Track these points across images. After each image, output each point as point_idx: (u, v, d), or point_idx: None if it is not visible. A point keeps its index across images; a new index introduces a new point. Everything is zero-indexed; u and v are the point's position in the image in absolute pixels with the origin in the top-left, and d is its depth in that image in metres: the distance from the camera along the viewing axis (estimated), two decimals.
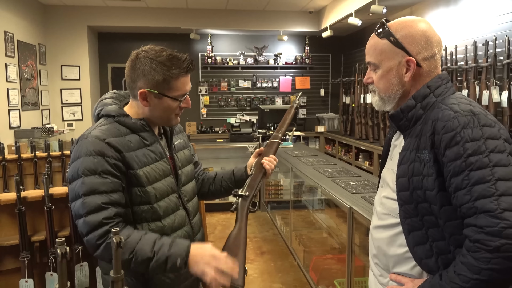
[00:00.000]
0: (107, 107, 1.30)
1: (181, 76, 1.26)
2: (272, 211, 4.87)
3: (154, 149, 1.31)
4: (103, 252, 1.15)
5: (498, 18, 3.43)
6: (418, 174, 1.03)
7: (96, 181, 1.17)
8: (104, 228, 1.15)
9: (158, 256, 1.14)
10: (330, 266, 3.07)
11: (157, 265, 1.15)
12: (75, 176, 1.18)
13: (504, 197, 0.89)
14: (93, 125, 1.30)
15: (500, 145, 0.94)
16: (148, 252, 1.14)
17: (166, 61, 1.23)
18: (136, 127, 1.28)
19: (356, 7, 4.85)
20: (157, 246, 1.15)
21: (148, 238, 1.17)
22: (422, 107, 1.08)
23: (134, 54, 1.27)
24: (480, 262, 0.90)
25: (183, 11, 6.15)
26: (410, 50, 1.08)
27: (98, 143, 1.20)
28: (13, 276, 1.67)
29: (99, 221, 1.14)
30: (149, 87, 1.24)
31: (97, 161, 1.18)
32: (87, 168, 1.17)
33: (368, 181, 2.82)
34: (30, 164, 2.82)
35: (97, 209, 1.15)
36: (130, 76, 1.27)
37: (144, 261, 1.14)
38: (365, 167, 5.11)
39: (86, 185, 1.16)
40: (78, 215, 1.17)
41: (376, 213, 1.22)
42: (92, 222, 1.14)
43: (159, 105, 1.27)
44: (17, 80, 4.81)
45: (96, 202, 1.15)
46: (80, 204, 1.16)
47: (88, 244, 1.17)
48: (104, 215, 1.15)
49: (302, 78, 7.05)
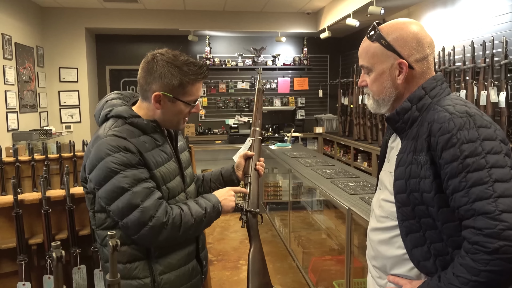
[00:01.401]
0: (118, 108, 1.29)
1: (196, 82, 1.29)
2: (271, 212, 4.87)
3: (165, 149, 1.32)
4: (171, 226, 1.21)
5: (496, 19, 3.44)
6: (415, 177, 1.03)
7: (135, 172, 1.19)
8: (163, 205, 1.20)
9: (209, 210, 1.30)
10: (329, 267, 3.07)
11: (211, 216, 1.31)
12: (111, 174, 1.17)
13: (502, 198, 0.89)
14: (101, 127, 1.28)
15: (496, 146, 0.94)
16: (201, 210, 1.28)
17: (184, 66, 1.25)
18: (148, 128, 1.28)
19: (353, 8, 4.86)
20: (201, 205, 1.30)
21: (190, 204, 1.29)
22: (417, 109, 1.08)
23: (150, 56, 1.27)
24: (478, 264, 0.89)
25: (181, 13, 6.15)
26: (402, 52, 1.08)
27: (120, 140, 1.20)
28: (11, 280, 1.67)
29: (156, 201, 1.19)
30: (164, 91, 1.25)
31: (128, 155, 1.19)
32: (121, 163, 1.17)
33: (367, 182, 2.82)
34: (28, 166, 2.81)
35: (149, 193, 1.19)
36: (145, 78, 1.27)
37: (200, 217, 1.28)
38: (363, 168, 5.11)
39: (129, 178, 1.17)
40: (131, 207, 1.16)
41: (374, 216, 1.22)
42: (152, 206, 1.17)
43: (171, 108, 1.28)
44: (15, 82, 4.80)
45: (145, 187, 1.19)
46: (131, 196, 1.16)
47: (152, 230, 1.17)
48: (156, 195, 1.20)
49: (300, 79, 7.05)
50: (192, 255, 1.39)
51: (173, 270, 1.31)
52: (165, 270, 1.29)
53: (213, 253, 3.88)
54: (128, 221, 1.17)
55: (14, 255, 1.64)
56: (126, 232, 1.21)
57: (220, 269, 3.52)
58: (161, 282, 1.28)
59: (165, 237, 1.20)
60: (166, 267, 1.29)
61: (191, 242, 1.38)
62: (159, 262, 1.28)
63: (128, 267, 1.25)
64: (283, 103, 6.99)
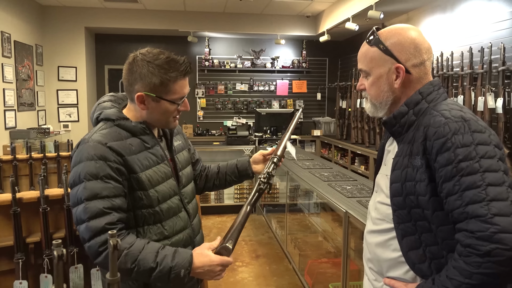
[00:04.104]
0: (106, 111, 1.29)
1: (178, 79, 1.24)
2: (268, 215, 4.87)
3: (155, 152, 1.30)
4: (105, 259, 1.13)
5: (494, 25, 3.47)
6: (411, 180, 1.05)
7: (98, 186, 1.15)
8: (106, 234, 1.12)
9: (161, 267, 1.14)
10: (325, 270, 3.08)
11: (159, 275, 1.14)
12: (77, 181, 1.17)
13: (495, 202, 0.90)
14: (92, 128, 1.29)
15: (490, 150, 0.96)
16: (150, 262, 1.13)
17: (164, 64, 1.22)
18: (137, 130, 1.27)
19: (353, 12, 4.88)
20: (160, 256, 1.15)
21: (151, 248, 1.16)
22: (414, 113, 1.10)
23: (131, 57, 1.26)
24: (471, 266, 0.91)
25: (181, 14, 6.16)
26: (399, 57, 1.10)
27: (99, 148, 1.18)
28: (7, 278, 1.67)
29: (102, 227, 1.12)
30: (146, 90, 1.23)
31: (99, 165, 1.16)
32: (88, 172, 1.15)
33: (364, 186, 2.83)
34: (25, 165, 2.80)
35: (100, 214, 1.13)
36: (127, 79, 1.26)
37: (146, 271, 1.14)
38: (361, 171, 5.13)
39: (88, 190, 1.14)
40: (80, 221, 1.15)
41: (371, 218, 1.23)
42: (94, 228, 1.12)
43: (157, 108, 1.26)
44: (13, 80, 4.80)
45: (98, 207, 1.13)
46: (82, 209, 1.14)
47: (89, 250, 1.14)
48: (106, 220, 1.13)
49: (299, 82, 7.07)
50: None
51: None
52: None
53: None
54: (78, 230, 1.16)
55: (11, 253, 1.63)
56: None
57: None
58: (156, 285, 1.25)
59: (101, 263, 1.15)
60: None
61: (185, 245, 1.36)
62: None
63: None
64: (281, 105, 7.00)
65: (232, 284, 3.29)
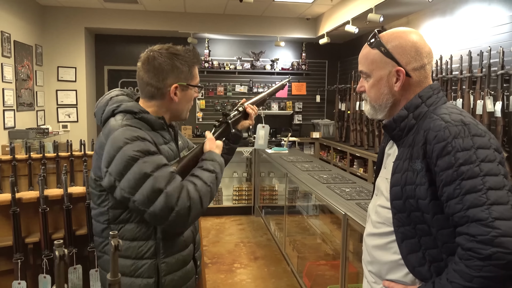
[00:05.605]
0: (127, 103, 1.29)
1: (196, 65, 1.37)
2: (266, 216, 4.87)
3: (171, 147, 1.34)
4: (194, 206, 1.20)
5: (493, 29, 3.48)
6: (411, 183, 1.05)
7: (155, 158, 1.18)
8: (184, 187, 1.18)
9: (217, 171, 1.31)
10: (324, 272, 3.08)
11: (219, 174, 1.32)
12: (129, 164, 1.15)
13: (495, 206, 0.90)
14: (108, 122, 1.27)
15: (490, 154, 0.96)
16: (211, 174, 1.29)
17: (185, 53, 1.32)
18: (157, 124, 1.30)
19: (353, 15, 4.90)
20: (210, 168, 1.30)
21: (202, 173, 1.27)
22: (414, 117, 1.10)
23: (150, 57, 1.29)
24: (472, 270, 0.91)
25: (181, 15, 6.17)
26: (400, 60, 1.10)
27: (136, 130, 1.21)
28: (6, 278, 1.66)
29: (178, 184, 1.17)
30: (179, 81, 1.30)
31: (145, 144, 1.19)
32: (139, 150, 1.16)
33: (363, 188, 2.83)
34: (24, 165, 2.80)
35: (171, 178, 1.17)
36: (156, 77, 1.28)
37: (214, 180, 1.28)
38: (359, 173, 5.13)
39: (149, 163, 1.16)
40: (157, 192, 1.14)
41: (371, 221, 1.23)
42: (174, 189, 1.15)
43: (185, 96, 1.35)
44: (12, 80, 4.79)
45: (166, 172, 1.17)
46: (154, 181, 1.14)
47: (178, 214, 1.16)
48: (178, 179, 1.20)
49: (298, 84, 7.08)
50: (190, 255, 1.40)
51: (176, 271, 1.32)
52: (169, 270, 1.29)
53: (208, 255, 3.87)
54: (155, 208, 1.14)
55: (10, 253, 1.63)
56: (154, 221, 1.19)
57: (214, 272, 3.52)
58: (164, 283, 1.28)
59: (192, 217, 1.20)
60: (170, 268, 1.30)
61: (190, 242, 1.39)
62: (165, 262, 1.28)
63: (136, 263, 1.25)
64: (281, 107, 7.01)
65: (230, 286, 3.29)
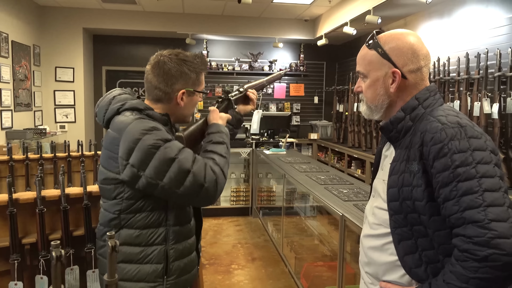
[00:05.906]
0: (132, 101, 1.32)
1: (203, 71, 1.41)
2: (264, 217, 4.87)
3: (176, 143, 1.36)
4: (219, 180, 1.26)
5: (490, 31, 3.50)
6: (407, 185, 1.05)
7: (175, 143, 1.24)
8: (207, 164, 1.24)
9: (226, 141, 1.38)
10: (321, 273, 3.08)
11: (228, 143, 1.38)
12: (151, 153, 1.18)
13: (492, 207, 0.91)
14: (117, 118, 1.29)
15: (486, 156, 0.96)
16: (223, 146, 1.35)
17: (193, 60, 1.35)
18: (162, 121, 1.33)
19: (351, 16, 4.91)
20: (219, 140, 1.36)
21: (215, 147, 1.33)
22: (411, 119, 1.11)
23: (160, 61, 1.32)
24: (468, 271, 0.91)
25: (180, 16, 6.17)
26: (397, 62, 1.11)
27: (149, 121, 1.25)
28: (3, 279, 1.66)
29: (201, 162, 1.23)
30: (186, 87, 1.34)
31: (162, 132, 1.23)
32: (159, 138, 1.21)
33: (360, 189, 2.84)
34: (22, 165, 2.79)
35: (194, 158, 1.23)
36: (165, 82, 1.32)
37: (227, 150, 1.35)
38: (357, 175, 5.14)
39: (171, 148, 1.21)
40: (185, 173, 1.19)
41: (368, 223, 1.24)
42: (200, 167, 1.21)
43: (190, 102, 1.39)
44: (10, 80, 4.78)
45: (189, 152, 1.24)
46: (180, 164, 1.19)
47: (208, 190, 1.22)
48: (200, 157, 1.26)
49: (296, 85, 7.09)
50: (194, 244, 1.43)
51: (183, 258, 1.35)
52: (177, 257, 1.33)
53: (205, 256, 3.87)
54: (185, 188, 1.19)
55: (7, 254, 1.63)
56: (185, 200, 1.25)
57: (212, 273, 3.52)
58: (172, 269, 1.31)
59: (219, 189, 1.26)
60: (178, 254, 1.33)
61: (194, 231, 1.43)
62: (174, 248, 1.32)
63: (145, 250, 1.28)
64: (279, 108, 7.01)
65: (227, 287, 3.29)
